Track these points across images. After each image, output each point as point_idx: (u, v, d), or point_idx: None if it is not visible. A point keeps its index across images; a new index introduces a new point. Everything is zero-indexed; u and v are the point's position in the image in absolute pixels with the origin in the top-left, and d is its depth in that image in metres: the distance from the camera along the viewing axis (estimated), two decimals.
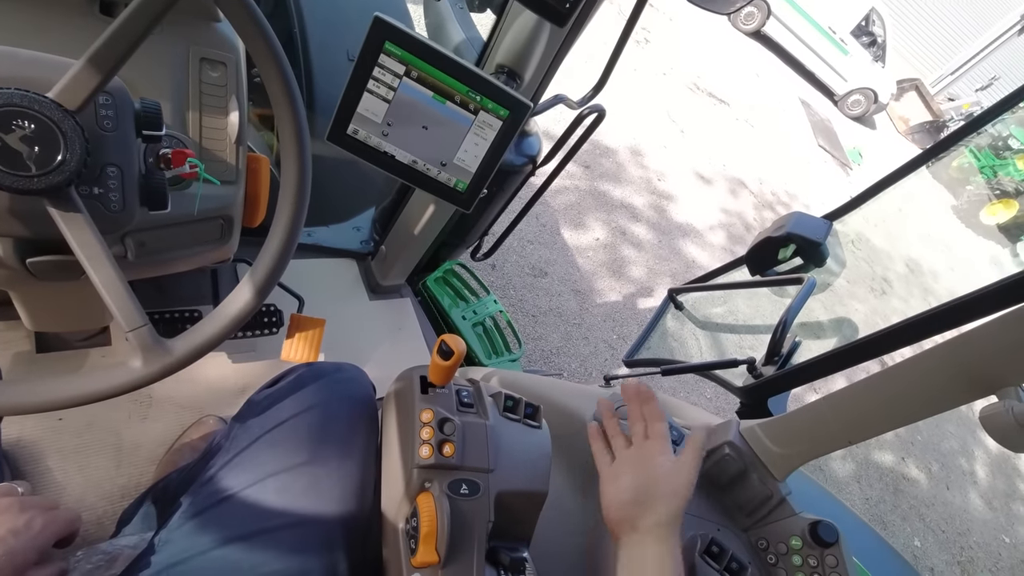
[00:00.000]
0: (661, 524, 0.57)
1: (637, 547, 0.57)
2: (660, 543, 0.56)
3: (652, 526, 0.57)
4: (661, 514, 0.57)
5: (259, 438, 0.62)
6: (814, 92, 8.16)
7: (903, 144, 9.47)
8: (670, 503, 0.58)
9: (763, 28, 7.72)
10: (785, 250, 1.23)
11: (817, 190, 5.69)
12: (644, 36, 5.39)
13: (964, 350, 0.57)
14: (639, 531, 0.57)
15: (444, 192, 0.87)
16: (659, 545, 0.56)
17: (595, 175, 3.44)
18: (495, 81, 0.79)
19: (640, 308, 2.89)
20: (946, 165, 8.68)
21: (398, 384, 0.68)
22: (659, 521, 0.57)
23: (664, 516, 0.57)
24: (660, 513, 0.57)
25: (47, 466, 0.96)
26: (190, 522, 0.57)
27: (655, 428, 0.65)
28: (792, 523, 0.71)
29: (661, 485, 0.59)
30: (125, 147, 0.55)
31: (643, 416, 0.67)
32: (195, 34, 0.72)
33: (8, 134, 0.42)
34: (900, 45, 10.64)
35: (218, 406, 1.16)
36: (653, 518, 0.57)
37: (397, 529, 0.59)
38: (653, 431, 0.65)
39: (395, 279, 1.53)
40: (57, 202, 0.47)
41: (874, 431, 0.64)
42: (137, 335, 0.50)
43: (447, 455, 0.60)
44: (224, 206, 0.77)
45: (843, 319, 3.24)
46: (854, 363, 0.86)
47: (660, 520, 0.57)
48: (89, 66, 0.45)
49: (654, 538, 0.56)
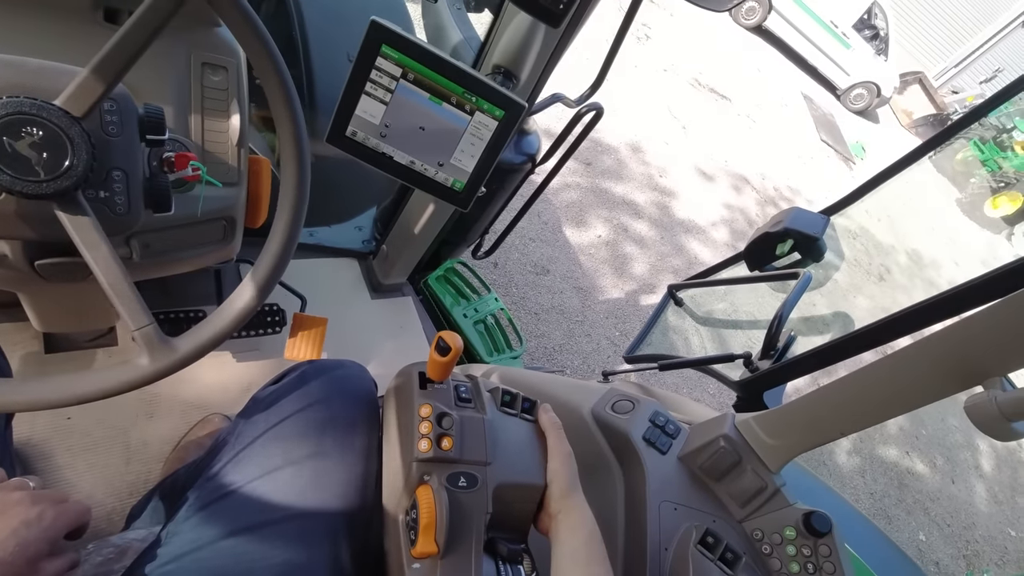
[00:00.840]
0: (561, 497, 0.63)
1: (555, 531, 0.61)
2: (568, 514, 0.62)
3: (557, 504, 0.63)
4: (555, 493, 0.64)
5: (263, 433, 0.64)
6: (816, 86, 8.13)
7: (907, 137, 9.43)
8: (558, 479, 0.65)
9: (764, 23, 7.70)
10: (783, 245, 1.24)
11: (820, 185, 5.68)
12: (644, 32, 5.39)
13: (950, 341, 0.58)
14: (552, 515, 0.63)
15: (442, 192, 0.88)
16: (568, 517, 0.62)
17: (596, 172, 3.45)
18: (490, 82, 0.80)
19: (642, 305, 2.90)
20: (949, 158, 8.64)
21: (397, 380, 0.69)
22: (557, 497, 0.64)
23: (558, 492, 0.64)
24: (555, 493, 0.64)
25: (57, 464, 0.99)
26: (197, 515, 0.59)
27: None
28: (786, 514, 0.72)
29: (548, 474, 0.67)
30: (130, 152, 0.57)
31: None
32: (196, 39, 0.73)
33: (17, 141, 0.44)
34: (903, 38, 10.57)
35: (223, 404, 1.18)
36: (553, 501, 0.64)
37: (397, 521, 0.60)
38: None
39: (397, 278, 1.55)
40: (65, 206, 0.49)
41: (865, 422, 0.65)
42: (143, 334, 0.52)
43: (445, 449, 0.61)
44: (226, 207, 0.78)
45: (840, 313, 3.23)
46: (848, 356, 0.87)
47: (557, 496, 0.64)
48: (94, 74, 0.46)
49: (563, 514, 0.62)
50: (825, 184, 5.78)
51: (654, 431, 0.80)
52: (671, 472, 0.77)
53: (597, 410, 0.85)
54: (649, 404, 0.84)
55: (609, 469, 0.81)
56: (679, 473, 0.78)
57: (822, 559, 0.68)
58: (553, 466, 0.65)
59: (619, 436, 0.80)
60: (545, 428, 0.70)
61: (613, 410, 0.85)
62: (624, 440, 0.79)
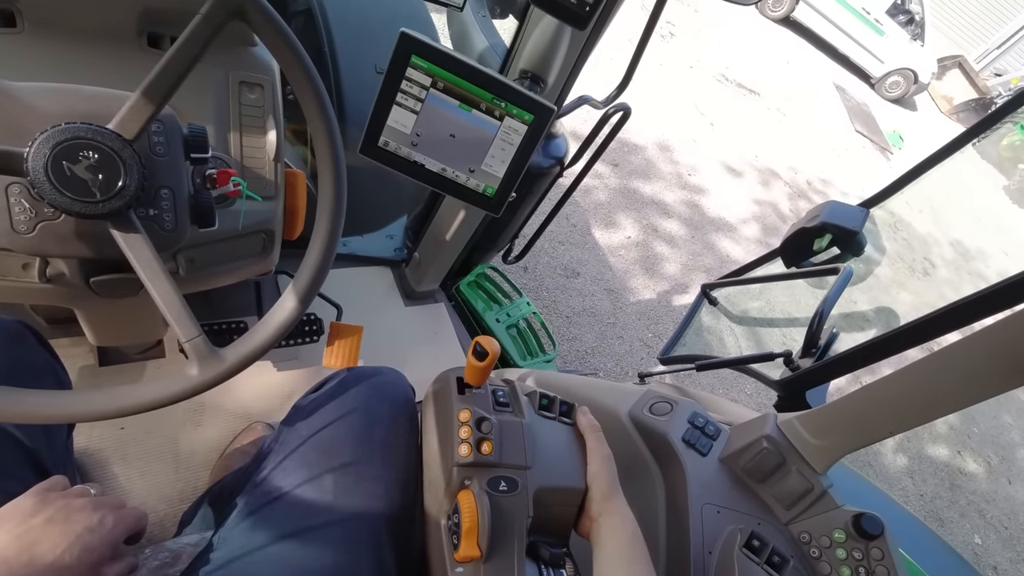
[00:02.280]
0: (602, 500, 0.63)
1: (596, 534, 0.61)
2: (610, 516, 0.62)
3: (598, 507, 0.63)
4: (596, 496, 0.64)
5: (306, 440, 0.66)
6: (849, 76, 7.91)
7: (948, 124, 9.08)
8: (599, 482, 0.65)
9: (792, 14, 7.53)
10: (820, 240, 1.21)
11: (856, 177, 5.51)
12: (669, 30, 5.33)
13: (1008, 334, 0.55)
14: (593, 518, 0.63)
15: (473, 198, 0.89)
16: (610, 519, 0.62)
17: (624, 173, 3.43)
18: (518, 87, 0.81)
19: (675, 305, 2.86)
20: (995, 143, 8.29)
21: (436, 386, 0.70)
22: (598, 500, 0.64)
23: (598, 494, 0.64)
24: (595, 496, 0.64)
25: (112, 472, 1.03)
26: (245, 521, 0.61)
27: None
28: (835, 516, 0.70)
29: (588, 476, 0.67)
30: (176, 170, 0.59)
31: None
32: (233, 59, 0.76)
33: (75, 164, 0.46)
34: (939, 21, 10.21)
35: (265, 412, 1.21)
36: (594, 504, 0.64)
37: (439, 525, 0.61)
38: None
39: (429, 285, 1.56)
40: (118, 224, 0.51)
41: (916, 420, 0.63)
42: (193, 345, 0.54)
43: (485, 453, 0.61)
44: (265, 220, 0.81)
45: (883, 308, 3.13)
46: (894, 352, 0.84)
47: (598, 499, 0.64)
48: (143, 98, 0.49)
49: (605, 516, 0.62)
50: (861, 176, 5.61)
51: (693, 432, 0.79)
52: (712, 474, 0.76)
53: (635, 412, 0.85)
54: (687, 405, 0.83)
55: (648, 472, 0.81)
56: (721, 475, 0.76)
57: (874, 563, 0.66)
58: (593, 469, 0.65)
59: (658, 438, 0.80)
60: (584, 431, 0.69)
61: (651, 412, 0.84)
62: (663, 442, 0.78)
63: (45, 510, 0.49)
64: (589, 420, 0.70)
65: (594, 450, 0.67)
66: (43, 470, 0.62)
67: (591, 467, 0.66)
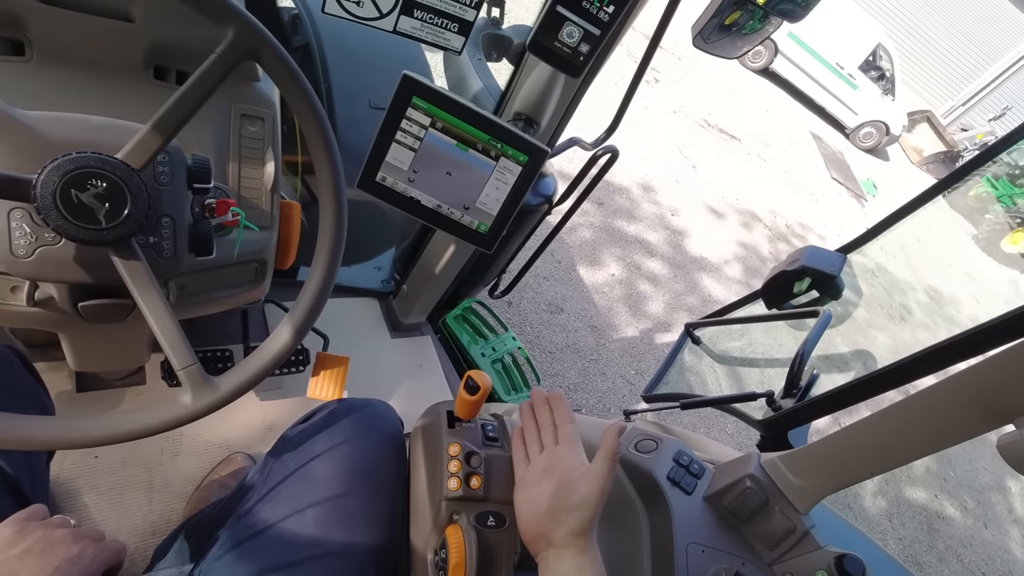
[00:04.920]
0: (576, 535, 0.55)
1: (556, 563, 0.54)
2: (579, 555, 0.54)
3: (567, 538, 0.55)
4: (572, 525, 0.55)
5: (294, 472, 0.65)
6: (825, 126, 8.24)
7: (918, 175, 9.46)
8: (582, 512, 0.55)
9: (771, 65, 7.88)
10: (800, 283, 1.24)
11: (832, 222, 5.69)
12: (654, 76, 5.53)
13: (981, 379, 0.57)
14: (555, 545, 0.55)
15: (467, 234, 0.91)
16: (579, 557, 0.54)
17: (609, 212, 3.50)
18: (514, 129, 0.84)
19: (657, 343, 2.89)
20: (963, 195, 8.64)
21: (426, 419, 0.70)
22: (572, 531, 0.55)
23: (576, 526, 0.55)
24: (571, 524, 0.55)
25: (84, 502, 1.00)
26: (229, 554, 0.60)
27: (565, 431, 0.63)
28: (817, 557, 0.71)
29: (572, 494, 0.57)
30: (178, 200, 0.60)
31: (552, 420, 0.65)
32: (237, 92, 0.78)
33: (83, 192, 0.47)
34: (909, 78, 10.74)
35: (245, 443, 1.19)
36: (565, 530, 0.55)
37: (426, 560, 0.60)
38: (563, 434, 0.63)
39: (416, 317, 1.57)
40: (120, 251, 0.51)
41: (895, 462, 0.64)
42: (187, 373, 0.54)
43: (474, 487, 0.61)
44: (259, 250, 0.82)
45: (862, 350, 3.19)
46: (873, 394, 0.86)
47: (573, 530, 0.55)
48: (153, 130, 0.50)
49: (573, 551, 0.54)
50: (837, 221, 5.79)
51: (679, 471, 0.80)
52: (697, 513, 0.76)
53: (620, 449, 0.85)
54: (673, 443, 0.84)
55: (633, 509, 0.81)
56: (705, 514, 0.77)
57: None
58: (586, 493, 0.57)
59: (643, 476, 0.80)
60: (604, 449, 0.60)
61: (636, 449, 0.84)
62: (648, 480, 0.79)
63: (24, 540, 0.48)
64: (615, 445, 0.60)
65: (601, 475, 0.58)
66: (22, 498, 0.61)
67: (585, 488, 0.57)
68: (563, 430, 0.63)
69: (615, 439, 0.59)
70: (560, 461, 0.60)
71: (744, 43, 0.96)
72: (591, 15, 0.76)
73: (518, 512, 0.60)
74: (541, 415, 0.66)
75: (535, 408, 0.67)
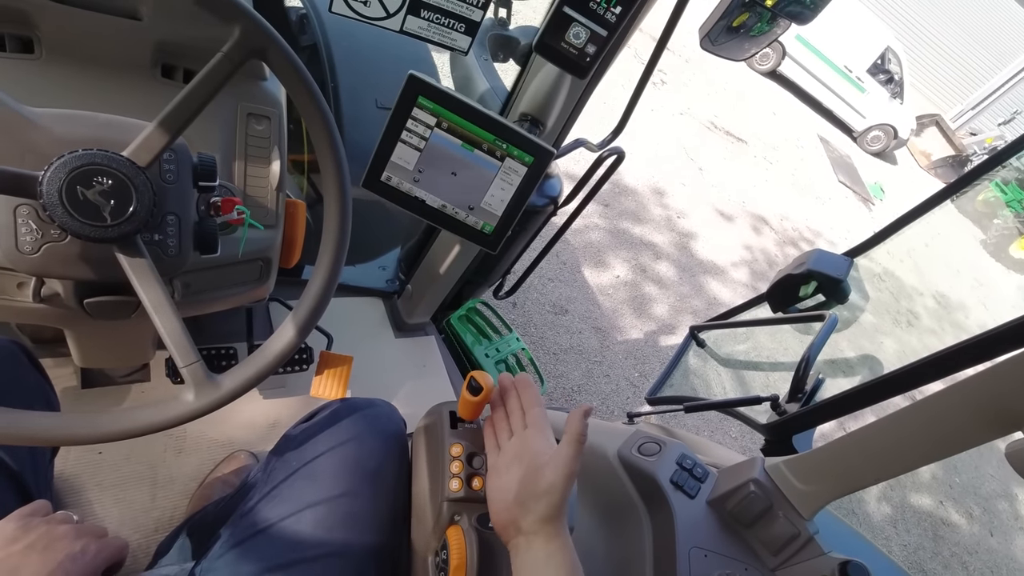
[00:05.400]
0: (545, 521, 0.53)
1: (526, 551, 0.53)
2: (549, 541, 0.53)
3: (536, 524, 0.53)
4: (541, 511, 0.54)
5: (296, 471, 0.65)
6: (832, 129, 8.20)
7: (926, 179, 9.40)
8: (550, 498, 0.54)
9: (778, 68, 7.85)
10: (806, 287, 1.24)
11: (839, 225, 5.66)
12: (660, 78, 5.52)
13: (989, 386, 0.57)
14: (524, 532, 0.54)
15: (472, 235, 0.91)
16: (548, 544, 0.53)
17: (615, 214, 3.49)
18: (520, 130, 0.83)
19: (662, 346, 2.88)
20: (971, 199, 8.58)
21: (428, 419, 0.70)
22: (541, 518, 0.53)
23: (545, 512, 0.53)
24: (540, 510, 0.54)
25: (87, 499, 1.00)
26: (230, 552, 0.60)
27: (532, 415, 0.62)
28: (821, 563, 0.70)
29: (539, 480, 0.55)
30: (184, 197, 0.60)
31: (520, 405, 0.63)
32: (243, 91, 0.78)
33: (89, 189, 0.47)
34: (918, 82, 10.68)
35: (249, 441, 1.19)
36: (533, 516, 0.54)
37: (427, 561, 0.60)
38: (530, 418, 0.61)
39: (420, 317, 1.57)
40: (125, 248, 0.52)
41: (901, 468, 0.64)
42: (191, 370, 0.54)
43: (476, 488, 0.61)
44: (264, 248, 0.82)
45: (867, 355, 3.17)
46: (879, 399, 0.85)
47: (542, 517, 0.53)
48: (159, 128, 0.50)
49: (543, 538, 0.53)
50: (845, 225, 5.76)
51: (682, 474, 0.79)
52: (700, 517, 0.76)
53: (623, 452, 0.85)
54: (676, 446, 0.83)
55: (636, 512, 0.80)
56: (708, 518, 0.76)
57: None
58: (553, 478, 0.54)
59: (646, 479, 0.80)
60: (568, 433, 0.57)
61: (639, 452, 0.84)
62: (651, 483, 0.78)
63: (27, 536, 0.48)
64: (580, 428, 0.57)
65: (567, 459, 0.55)
66: (26, 494, 0.61)
67: (551, 474, 0.55)
68: (530, 414, 0.62)
69: (580, 421, 0.57)
70: (528, 447, 0.59)
71: (752, 45, 0.96)
72: (598, 16, 0.76)
73: (489, 500, 0.58)
74: (509, 401, 0.64)
75: (503, 394, 0.65)
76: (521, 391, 0.64)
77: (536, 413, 0.61)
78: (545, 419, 0.61)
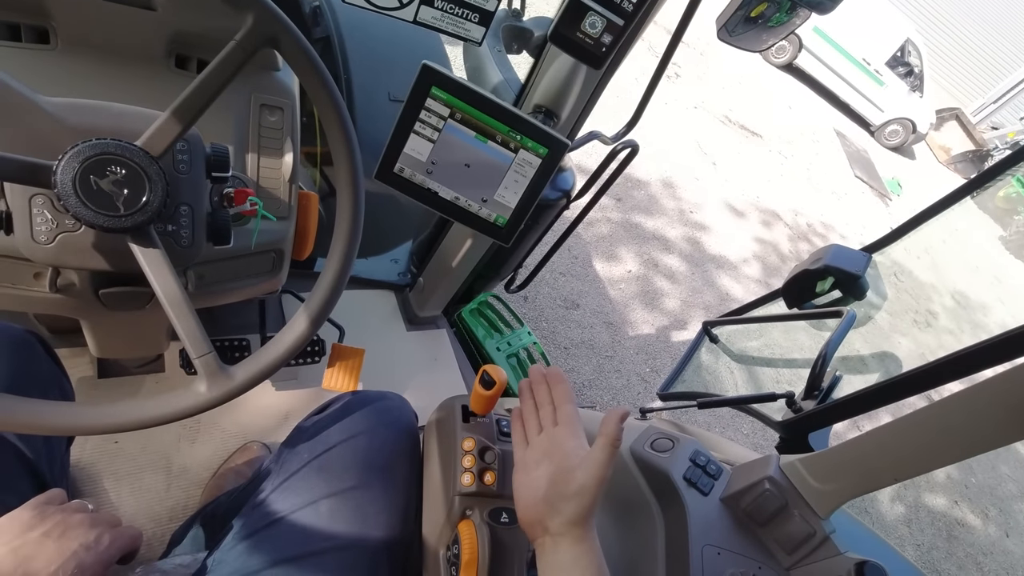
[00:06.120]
0: (574, 523, 0.52)
1: (552, 552, 0.52)
2: (576, 544, 0.51)
3: (564, 526, 0.52)
4: (569, 513, 0.52)
5: (308, 463, 0.65)
6: (849, 123, 8.07)
7: (945, 174, 9.23)
8: (580, 501, 0.52)
9: (795, 61, 7.73)
10: (823, 283, 1.22)
11: (855, 221, 5.57)
12: (675, 71, 5.46)
13: (1011, 385, 0.56)
14: (551, 533, 0.53)
15: (485, 227, 0.90)
16: (575, 547, 0.51)
17: (627, 207, 3.46)
18: (534, 121, 0.82)
19: (674, 341, 2.86)
20: (992, 195, 8.42)
21: (440, 413, 0.70)
22: (570, 520, 0.52)
23: (573, 515, 0.52)
24: (568, 512, 0.52)
25: (103, 487, 1.01)
26: (242, 543, 0.60)
27: (564, 412, 0.59)
28: (837, 563, 0.69)
29: (570, 482, 0.53)
30: (197, 188, 0.60)
31: (551, 400, 0.61)
32: (257, 82, 0.78)
33: (103, 179, 0.47)
34: (938, 75, 10.48)
35: (261, 432, 1.20)
36: (562, 518, 0.52)
37: (438, 555, 0.60)
38: (562, 415, 0.59)
39: (432, 310, 1.57)
40: (138, 239, 0.52)
41: (921, 468, 0.63)
42: (203, 361, 0.54)
43: (488, 483, 0.61)
44: (277, 240, 0.82)
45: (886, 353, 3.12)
46: (899, 398, 0.84)
47: (571, 519, 0.52)
48: (173, 117, 0.50)
49: (570, 540, 0.52)
50: (860, 221, 5.67)
51: (695, 471, 0.78)
52: (714, 514, 0.75)
53: (636, 448, 0.84)
54: (690, 443, 0.82)
55: (649, 509, 0.80)
56: (722, 516, 0.75)
57: None
58: (584, 480, 0.53)
59: (659, 475, 0.79)
60: (603, 435, 0.55)
61: (652, 448, 0.83)
62: (664, 479, 0.78)
63: (42, 524, 0.49)
64: (616, 432, 0.55)
65: (600, 463, 0.53)
66: (41, 482, 0.61)
67: (583, 476, 0.53)
68: (562, 410, 0.60)
69: (617, 424, 0.55)
70: (559, 445, 0.57)
71: (770, 36, 0.94)
72: (615, 4, 0.74)
73: (516, 497, 0.57)
74: (539, 394, 0.62)
75: (533, 386, 0.63)
76: (553, 385, 0.62)
77: (568, 410, 0.59)
78: (577, 418, 0.59)
